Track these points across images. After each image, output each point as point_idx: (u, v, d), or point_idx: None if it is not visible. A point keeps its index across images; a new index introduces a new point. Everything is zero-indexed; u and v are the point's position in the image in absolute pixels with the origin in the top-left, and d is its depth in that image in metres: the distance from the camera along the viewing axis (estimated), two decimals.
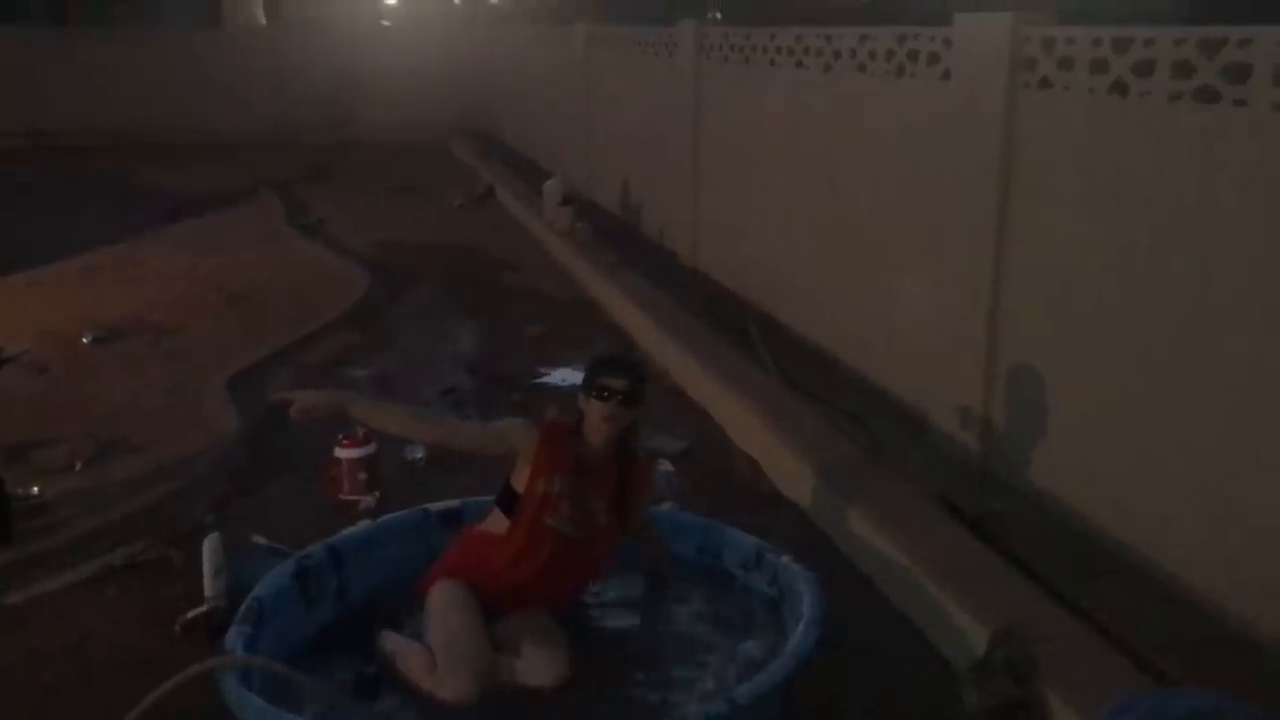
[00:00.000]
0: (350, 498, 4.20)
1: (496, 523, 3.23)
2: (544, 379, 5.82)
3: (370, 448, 4.26)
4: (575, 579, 3.31)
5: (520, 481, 3.19)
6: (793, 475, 4.31)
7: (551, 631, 3.10)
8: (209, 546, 3.43)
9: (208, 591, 3.39)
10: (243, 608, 3.02)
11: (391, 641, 3.06)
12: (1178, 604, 3.29)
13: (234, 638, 2.86)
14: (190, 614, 3.33)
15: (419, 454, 4.59)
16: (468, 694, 2.86)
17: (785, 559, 3.31)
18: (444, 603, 3.10)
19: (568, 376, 5.79)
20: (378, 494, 4.22)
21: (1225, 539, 3.20)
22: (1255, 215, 3.05)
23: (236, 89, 16.41)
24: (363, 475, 4.24)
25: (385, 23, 18.23)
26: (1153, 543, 3.46)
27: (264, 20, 17.46)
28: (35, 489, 4.19)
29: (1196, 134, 3.24)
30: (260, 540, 3.81)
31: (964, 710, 2.85)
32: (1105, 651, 2.93)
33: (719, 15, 15.75)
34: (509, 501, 3.21)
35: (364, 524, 3.74)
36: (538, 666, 2.96)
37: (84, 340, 6.34)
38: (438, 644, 2.98)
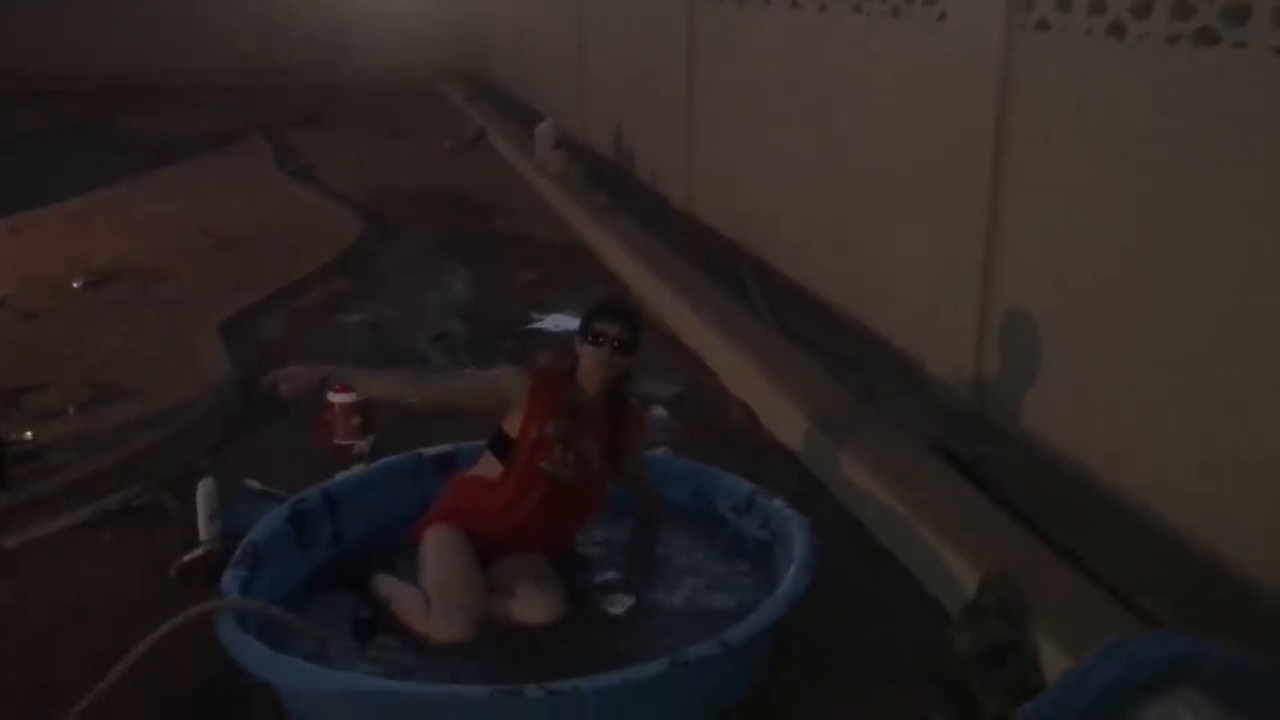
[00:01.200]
0: (344, 442, 4.20)
1: (489, 467, 3.24)
2: (537, 325, 5.81)
3: None
4: (568, 523, 3.33)
5: (513, 426, 3.20)
6: (787, 421, 4.32)
7: (545, 573, 3.12)
8: (203, 491, 3.43)
9: (202, 536, 3.40)
10: (238, 552, 3.03)
11: (387, 585, 3.08)
12: (1169, 548, 3.31)
13: (229, 581, 2.87)
14: (186, 558, 3.35)
15: (412, 399, 4.58)
16: (462, 636, 2.89)
17: (778, 503, 3.32)
18: (439, 546, 3.12)
19: (560, 322, 5.79)
20: (371, 439, 4.22)
21: (1217, 483, 3.21)
22: (1254, 161, 3.02)
23: (225, 32, 16.20)
24: (356, 420, 4.24)
25: None
26: (1145, 487, 3.48)
27: None
28: (28, 434, 4.18)
29: (1195, 77, 3.21)
30: (254, 485, 3.82)
31: (955, 653, 2.87)
32: (1096, 595, 2.95)
33: None
34: (501, 446, 3.22)
35: (358, 469, 3.75)
36: (532, 605, 2.99)
37: (74, 285, 6.31)
38: (433, 588, 3.00)
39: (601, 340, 3.19)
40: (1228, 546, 3.16)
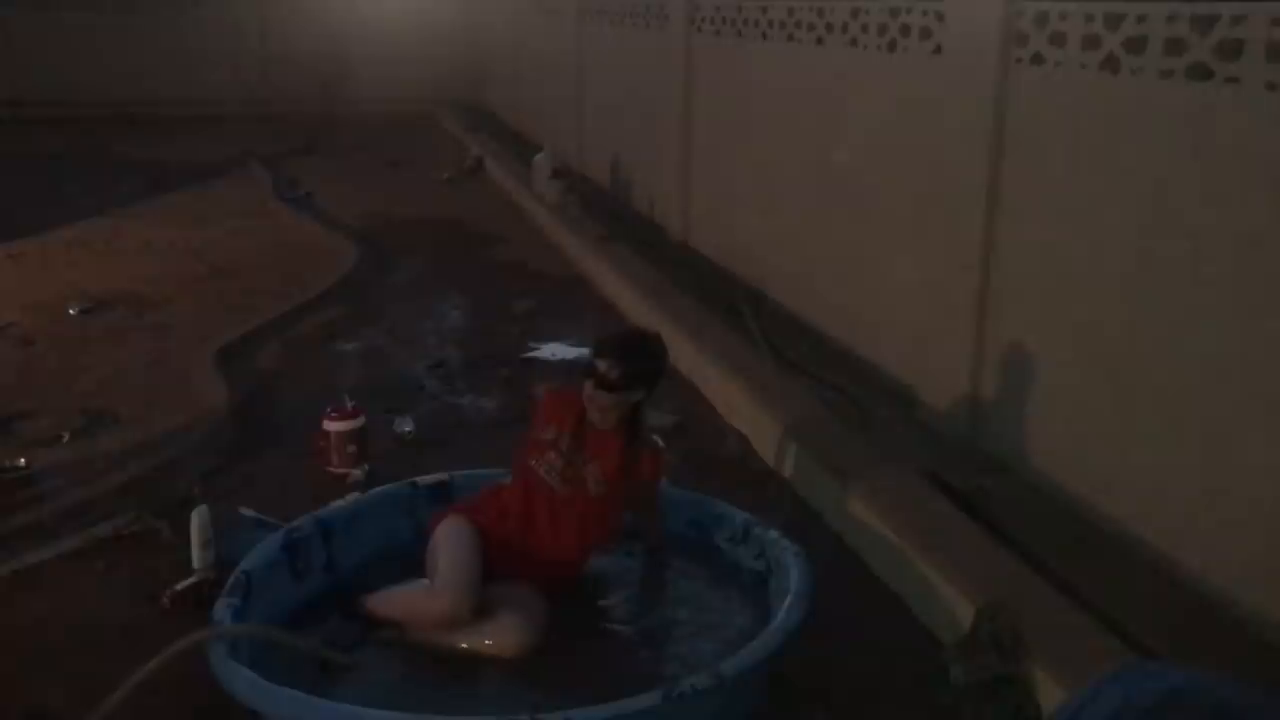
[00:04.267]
0: (339, 470, 4.19)
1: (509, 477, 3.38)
2: (533, 354, 5.81)
3: (359, 420, 4.25)
4: (560, 540, 3.26)
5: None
6: (783, 451, 4.32)
7: (528, 602, 3.12)
8: (197, 519, 3.42)
9: (196, 564, 3.38)
10: (230, 580, 3.01)
11: (375, 597, 3.13)
12: (1163, 580, 3.31)
13: (222, 610, 2.85)
14: (178, 586, 3.33)
15: (408, 427, 4.59)
16: (462, 605, 2.97)
17: (774, 534, 3.31)
18: (447, 534, 3.19)
19: (557, 351, 5.78)
20: (366, 467, 4.21)
21: (1212, 515, 3.21)
22: (1246, 194, 3.04)
23: (224, 61, 16.25)
24: (351, 448, 4.23)
25: None
26: (1139, 519, 3.48)
27: None
28: (22, 460, 4.17)
29: (1188, 111, 3.24)
30: (248, 512, 3.81)
31: (950, 685, 2.86)
32: (1091, 627, 2.95)
33: None
34: None
35: (353, 497, 3.74)
36: (504, 633, 2.99)
37: (70, 312, 6.30)
38: (438, 566, 3.07)
39: (590, 373, 3.22)
40: (1223, 578, 3.15)
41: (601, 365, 3.19)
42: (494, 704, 2.77)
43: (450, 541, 3.16)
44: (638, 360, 3.26)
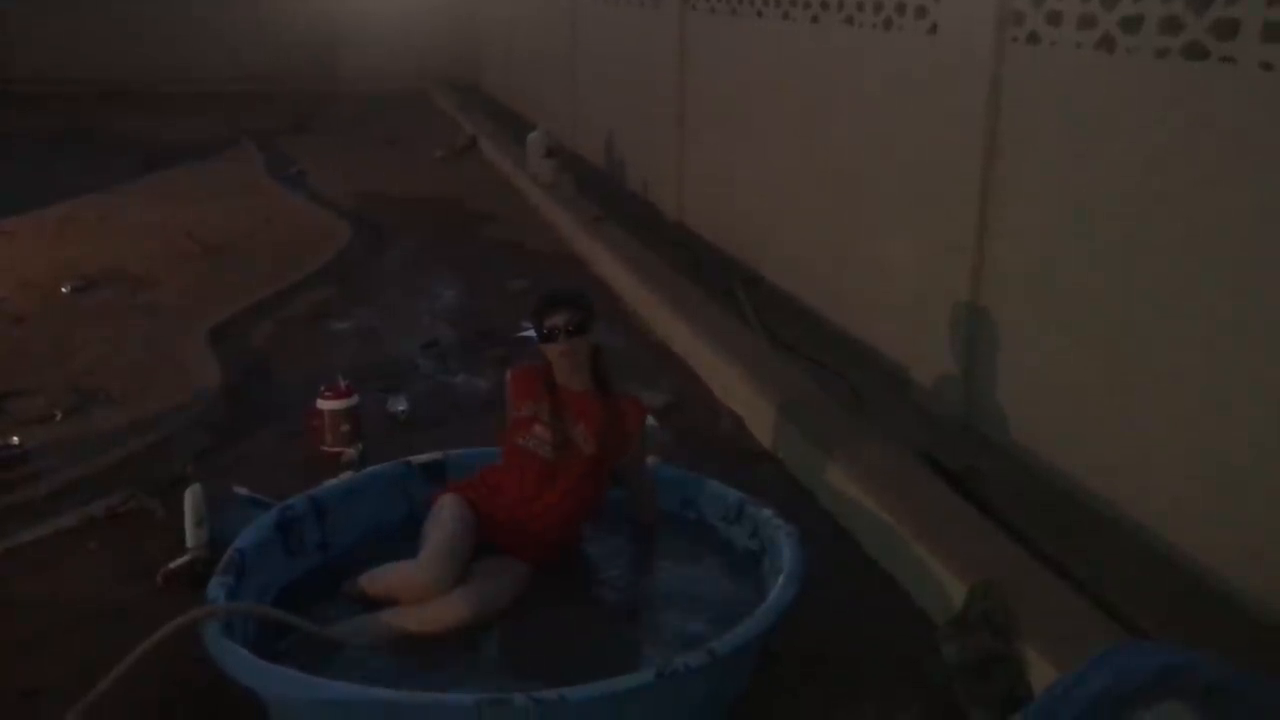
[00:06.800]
0: (332, 449, 4.19)
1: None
2: (526, 333, 5.80)
3: (353, 400, 4.25)
4: (557, 510, 3.29)
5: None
6: (776, 431, 4.32)
7: (498, 579, 3.12)
8: (190, 497, 3.42)
9: (189, 542, 3.38)
10: (224, 559, 3.01)
11: (366, 575, 3.14)
12: (1155, 560, 3.33)
13: (215, 589, 2.85)
14: (171, 565, 3.33)
15: (402, 406, 4.58)
16: (442, 575, 3.01)
17: (767, 512, 3.32)
18: (438, 511, 3.25)
19: None
20: (360, 446, 4.21)
21: (1202, 496, 3.22)
22: (1241, 175, 3.04)
23: (218, 37, 16.16)
24: (345, 427, 4.22)
25: None
26: (1132, 499, 3.49)
27: None
28: (14, 439, 4.17)
29: (1184, 91, 3.23)
30: (242, 491, 3.80)
31: (942, 664, 2.87)
32: (1083, 606, 2.95)
33: None
34: None
35: (346, 476, 3.74)
36: (443, 609, 3.00)
37: (63, 289, 6.28)
38: (429, 537, 3.14)
39: (556, 332, 3.31)
40: (1215, 558, 3.17)
41: (563, 317, 3.31)
42: (489, 682, 2.78)
43: (439, 517, 3.22)
44: (581, 300, 3.40)
